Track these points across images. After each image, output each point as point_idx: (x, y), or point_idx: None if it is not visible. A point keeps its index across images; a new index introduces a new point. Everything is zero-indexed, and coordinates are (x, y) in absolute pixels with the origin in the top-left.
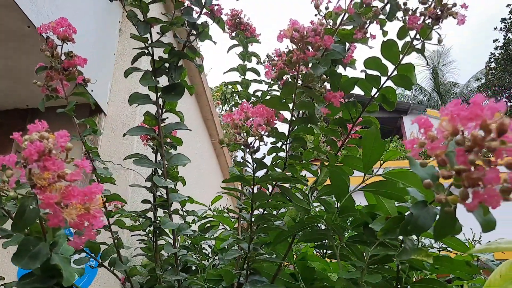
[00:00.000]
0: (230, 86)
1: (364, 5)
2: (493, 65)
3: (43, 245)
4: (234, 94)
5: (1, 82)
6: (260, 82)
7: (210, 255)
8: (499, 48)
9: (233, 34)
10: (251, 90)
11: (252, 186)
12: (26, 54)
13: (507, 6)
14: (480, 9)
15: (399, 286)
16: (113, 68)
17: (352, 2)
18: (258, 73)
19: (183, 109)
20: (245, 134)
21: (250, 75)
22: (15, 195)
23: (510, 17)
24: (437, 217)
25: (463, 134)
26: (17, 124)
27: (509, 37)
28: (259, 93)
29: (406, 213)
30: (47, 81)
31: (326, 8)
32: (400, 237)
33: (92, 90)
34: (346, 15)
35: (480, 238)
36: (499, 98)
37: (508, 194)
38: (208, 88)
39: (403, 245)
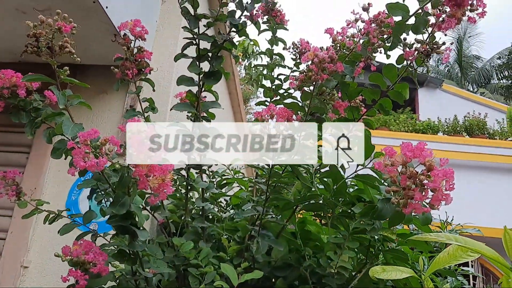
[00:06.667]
0: (251, 43)
1: (371, 42)
2: None
3: (127, 198)
4: (255, 51)
5: None
6: (284, 66)
7: (225, 208)
8: None
9: (265, 19)
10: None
11: (270, 166)
12: (87, 20)
13: None
14: None
15: (373, 251)
16: (155, 34)
17: (361, 41)
18: (283, 58)
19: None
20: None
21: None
22: (118, 167)
23: None
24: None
25: (406, 167)
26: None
27: None
28: (282, 77)
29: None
30: (122, 69)
31: (341, 41)
32: None
33: None
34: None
35: (452, 220)
36: None
37: (430, 208)
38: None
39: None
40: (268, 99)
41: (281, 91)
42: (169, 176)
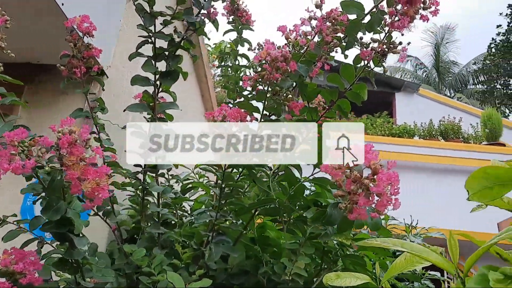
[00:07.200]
0: (228, 45)
1: (325, 41)
2: (493, 50)
3: (62, 203)
4: (230, 55)
5: (20, 40)
6: (249, 67)
7: (189, 212)
8: (501, 34)
9: (230, 19)
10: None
11: (223, 170)
12: (41, 17)
13: None
14: None
15: (331, 257)
16: (119, 34)
17: (316, 39)
18: (248, 59)
19: None
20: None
21: None
22: (49, 170)
23: None
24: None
25: (351, 170)
26: (29, 77)
27: None
28: None
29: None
30: (69, 67)
31: (295, 39)
32: None
33: None
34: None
35: (416, 224)
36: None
37: (377, 213)
38: (205, 50)
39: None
40: (232, 101)
41: (245, 93)
42: (105, 180)
